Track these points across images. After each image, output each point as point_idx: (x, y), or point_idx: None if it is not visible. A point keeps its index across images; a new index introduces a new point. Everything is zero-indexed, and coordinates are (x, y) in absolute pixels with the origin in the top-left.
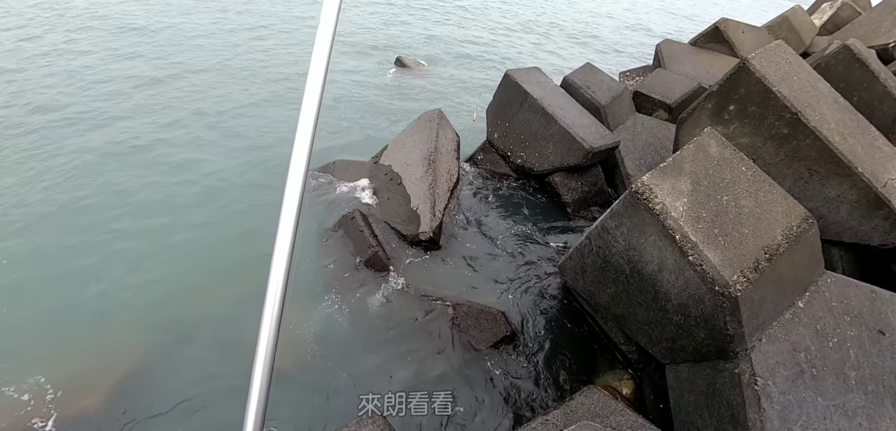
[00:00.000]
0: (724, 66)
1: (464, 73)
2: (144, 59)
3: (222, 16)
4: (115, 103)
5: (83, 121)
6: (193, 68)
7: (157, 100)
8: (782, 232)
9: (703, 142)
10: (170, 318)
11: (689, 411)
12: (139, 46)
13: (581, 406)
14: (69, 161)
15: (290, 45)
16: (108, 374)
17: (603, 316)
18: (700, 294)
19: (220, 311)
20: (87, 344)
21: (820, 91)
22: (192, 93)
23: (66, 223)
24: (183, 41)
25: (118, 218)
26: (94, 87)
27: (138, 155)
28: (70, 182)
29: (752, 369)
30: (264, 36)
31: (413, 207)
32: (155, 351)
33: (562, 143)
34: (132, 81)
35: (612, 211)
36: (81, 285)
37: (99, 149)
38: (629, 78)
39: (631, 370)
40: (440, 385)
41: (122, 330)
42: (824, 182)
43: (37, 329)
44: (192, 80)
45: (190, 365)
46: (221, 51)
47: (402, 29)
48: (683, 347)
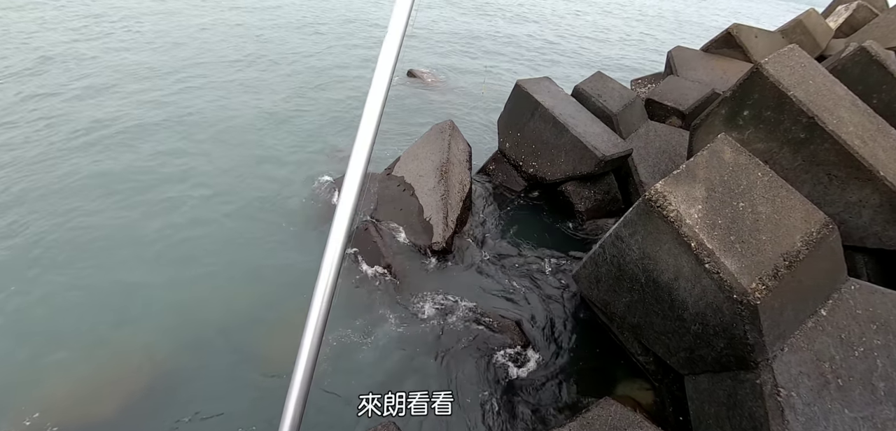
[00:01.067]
0: (738, 72)
1: (475, 85)
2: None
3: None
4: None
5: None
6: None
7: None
8: (802, 238)
9: (717, 148)
10: (188, 326)
11: (709, 423)
12: (134, 43)
13: (598, 418)
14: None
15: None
16: (125, 381)
17: (618, 325)
18: (718, 302)
19: (238, 319)
20: (105, 350)
21: (837, 94)
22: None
23: (89, 219)
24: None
25: (140, 222)
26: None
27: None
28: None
29: (774, 379)
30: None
31: (426, 218)
32: (172, 357)
33: (574, 152)
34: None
35: (625, 219)
36: (101, 291)
37: (120, 154)
38: (641, 85)
39: (649, 381)
40: (450, 397)
41: (139, 336)
42: (845, 186)
43: (55, 333)
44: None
45: (207, 374)
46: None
47: (411, 41)
48: (702, 357)
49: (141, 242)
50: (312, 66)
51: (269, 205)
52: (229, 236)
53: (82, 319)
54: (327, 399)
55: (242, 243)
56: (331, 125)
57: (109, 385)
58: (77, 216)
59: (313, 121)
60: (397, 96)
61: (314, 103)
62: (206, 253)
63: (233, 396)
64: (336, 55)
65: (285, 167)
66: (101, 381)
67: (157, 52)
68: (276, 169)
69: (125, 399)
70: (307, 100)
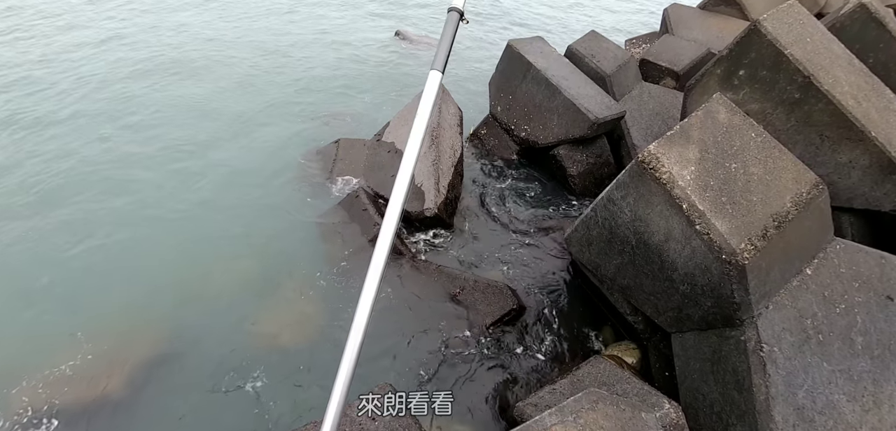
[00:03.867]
0: (735, 30)
1: (465, 44)
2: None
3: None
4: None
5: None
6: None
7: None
8: (792, 198)
9: (711, 108)
10: (192, 303)
11: (694, 378)
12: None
13: (588, 374)
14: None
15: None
16: (129, 358)
17: (609, 287)
18: (707, 263)
19: (241, 295)
20: (108, 327)
21: (834, 53)
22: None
23: (96, 203)
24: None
25: (149, 199)
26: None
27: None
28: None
29: (758, 336)
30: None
31: (417, 184)
32: (175, 336)
33: (566, 115)
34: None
35: (618, 181)
36: (110, 264)
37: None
38: (635, 45)
39: (637, 340)
40: (444, 360)
41: (142, 313)
42: (836, 147)
43: (62, 307)
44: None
45: (213, 350)
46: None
47: (398, 1)
48: (689, 316)
49: (151, 215)
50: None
51: (280, 179)
52: (237, 203)
53: (89, 291)
54: (319, 395)
55: (249, 212)
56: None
57: (116, 359)
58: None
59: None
60: (385, 58)
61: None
62: (213, 223)
63: (240, 372)
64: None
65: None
66: (108, 354)
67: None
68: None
69: (132, 373)
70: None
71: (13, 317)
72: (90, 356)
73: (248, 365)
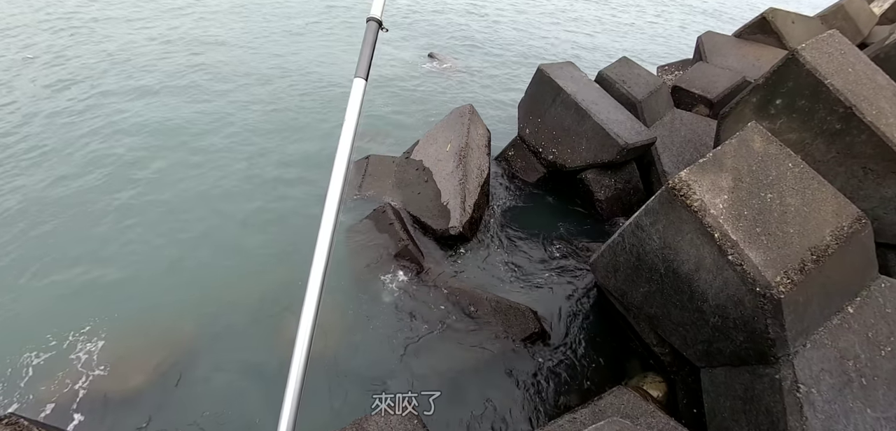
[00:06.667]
0: (772, 59)
1: (496, 69)
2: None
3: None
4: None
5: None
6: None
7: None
8: (832, 232)
9: (746, 136)
10: (216, 305)
11: (724, 417)
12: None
13: (610, 405)
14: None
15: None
16: (155, 355)
17: (635, 316)
18: (740, 295)
19: (263, 299)
20: (136, 324)
21: (878, 83)
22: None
23: (121, 203)
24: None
25: (168, 204)
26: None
27: (187, 142)
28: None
29: (794, 375)
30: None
31: (443, 202)
32: (200, 335)
33: (595, 139)
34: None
35: (647, 207)
36: (132, 267)
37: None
38: (667, 72)
39: (663, 372)
40: (465, 381)
41: (169, 312)
42: (881, 181)
43: (87, 306)
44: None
45: (233, 351)
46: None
47: (432, 24)
48: (720, 350)
49: (175, 218)
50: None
51: (296, 188)
52: (262, 216)
53: (111, 292)
54: (340, 396)
55: (274, 223)
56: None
57: (137, 359)
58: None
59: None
60: (417, 79)
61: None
62: (245, 232)
63: (258, 377)
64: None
65: (312, 154)
66: (129, 354)
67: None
68: (304, 154)
69: (152, 374)
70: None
71: (47, 307)
72: (120, 351)
73: (271, 371)
